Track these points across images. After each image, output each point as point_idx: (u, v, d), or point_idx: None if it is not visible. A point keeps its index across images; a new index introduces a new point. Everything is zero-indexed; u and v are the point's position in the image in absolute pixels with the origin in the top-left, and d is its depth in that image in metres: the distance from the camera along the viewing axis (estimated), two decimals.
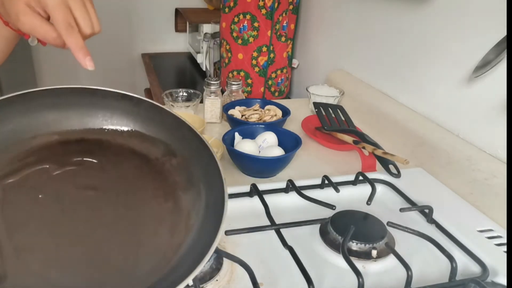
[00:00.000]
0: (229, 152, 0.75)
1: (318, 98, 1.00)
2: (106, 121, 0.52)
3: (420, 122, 0.83)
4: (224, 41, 1.30)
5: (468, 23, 0.73)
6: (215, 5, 1.87)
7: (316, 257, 0.53)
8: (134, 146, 0.52)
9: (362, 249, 0.53)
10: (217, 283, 0.48)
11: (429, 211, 0.60)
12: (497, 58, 0.64)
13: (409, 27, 0.89)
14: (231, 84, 0.98)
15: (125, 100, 0.51)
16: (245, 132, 0.80)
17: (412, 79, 0.89)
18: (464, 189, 0.68)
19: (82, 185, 0.47)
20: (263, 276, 0.48)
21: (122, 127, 0.52)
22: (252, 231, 0.54)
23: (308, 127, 0.91)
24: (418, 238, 0.55)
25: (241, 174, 0.75)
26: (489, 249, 0.54)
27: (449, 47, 0.78)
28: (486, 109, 0.70)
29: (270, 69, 1.29)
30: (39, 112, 0.49)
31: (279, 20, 1.24)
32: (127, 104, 0.51)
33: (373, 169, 0.75)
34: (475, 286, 0.47)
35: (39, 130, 0.49)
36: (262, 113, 0.92)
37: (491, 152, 0.69)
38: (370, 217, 0.58)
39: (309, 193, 0.62)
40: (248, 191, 0.63)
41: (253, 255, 0.51)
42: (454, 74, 0.77)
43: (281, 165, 0.74)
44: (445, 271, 0.50)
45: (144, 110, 0.52)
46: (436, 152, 0.76)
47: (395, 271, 0.51)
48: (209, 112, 0.95)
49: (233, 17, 1.23)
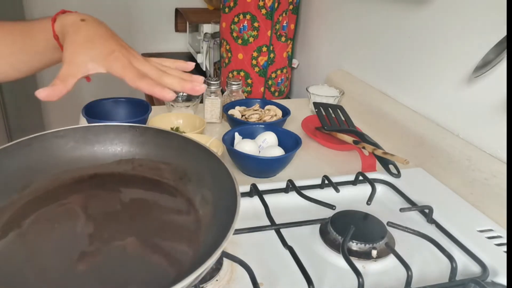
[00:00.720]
0: (229, 152, 0.75)
1: (318, 98, 1.00)
2: (116, 155, 0.55)
3: (420, 122, 0.83)
4: (224, 41, 1.30)
5: (468, 23, 0.73)
6: (215, 5, 1.87)
7: (316, 257, 0.53)
8: (145, 174, 0.54)
9: (362, 249, 0.53)
10: (217, 283, 0.48)
11: (429, 211, 0.60)
12: (497, 58, 0.64)
13: (409, 27, 0.89)
14: (231, 84, 0.98)
15: (131, 131, 0.55)
16: (245, 132, 0.80)
17: (412, 79, 0.89)
18: (464, 189, 0.68)
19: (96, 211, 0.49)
20: (263, 276, 0.48)
21: (132, 157, 0.55)
22: (252, 231, 0.54)
23: (308, 127, 0.91)
24: (418, 238, 0.55)
25: (241, 174, 0.75)
26: (489, 249, 0.54)
27: (449, 47, 0.78)
28: (486, 109, 0.70)
29: (270, 69, 1.29)
30: (51, 153, 0.52)
31: (279, 20, 1.24)
32: (134, 135, 0.55)
33: (373, 169, 0.75)
34: (475, 286, 0.47)
35: (53, 170, 0.52)
36: (262, 113, 0.92)
37: (491, 152, 0.69)
38: (370, 217, 0.58)
39: (309, 193, 0.62)
40: (248, 191, 0.63)
41: (253, 255, 0.51)
42: (454, 74, 0.77)
43: (281, 165, 0.74)
44: (445, 271, 0.50)
45: (151, 137, 0.55)
46: (436, 152, 0.76)
47: (395, 271, 0.51)
48: (209, 112, 0.95)
49: (233, 17, 1.23)
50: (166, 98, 0.49)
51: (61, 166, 0.52)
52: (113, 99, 0.90)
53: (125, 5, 1.95)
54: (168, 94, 0.49)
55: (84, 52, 0.51)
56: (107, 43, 0.52)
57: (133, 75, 0.50)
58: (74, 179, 0.52)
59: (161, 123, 0.86)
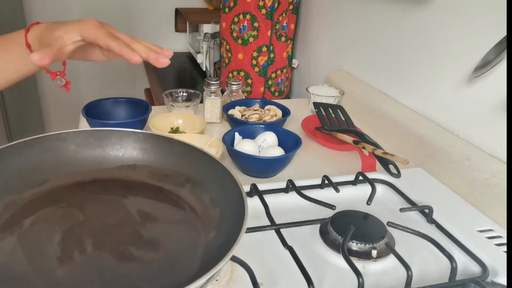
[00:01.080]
0: (229, 152, 0.75)
1: (318, 98, 1.00)
2: (118, 160, 0.55)
3: (420, 122, 0.83)
4: (224, 41, 1.30)
5: (468, 23, 0.73)
6: (215, 5, 1.87)
7: (316, 257, 0.53)
8: (148, 180, 0.54)
9: (362, 249, 0.53)
10: (217, 283, 0.48)
11: (429, 211, 0.60)
12: (497, 58, 0.64)
13: (409, 27, 0.89)
14: (231, 84, 0.98)
15: (134, 136, 0.54)
16: (245, 132, 0.80)
17: (412, 79, 0.89)
18: (464, 189, 0.68)
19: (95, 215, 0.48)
20: (263, 276, 0.48)
21: (134, 163, 0.55)
22: (252, 231, 0.54)
23: (308, 127, 0.91)
24: (418, 238, 0.55)
25: (241, 174, 0.75)
26: (489, 249, 0.54)
27: (449, 47, 0.78)
28: (486, 109, 0.70)
29: (270, 69, 1.29)
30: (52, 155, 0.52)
31: (279, 20, 1.24)
32: (136, 140, 0.54)
33: (373, 169, 0.75)
34: (475, 286, 0.47)
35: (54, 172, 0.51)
36: (262, 113, 0.92)
37: (491, 152, 0.69)
38: (370, 217, 0.58)
39: (309, 193, 0.62)
40: (248, 191, 0.63)
41: (253, 255, 0.51)
42: (454, 74, 0.77)
43: (281, 165, 0.74)
44: (445, 271, 0.50)
45: (152, 143, 0.54)
46: (436, 152, 0.76)
47: (395, 271, 0.51)
48: (209, 112, 0.95)
49: (233, 17, 1.23)
50: (133, 60, 0.53)
51: (62, 168, 0.52)
52: (113, 99, 0.90)
53: (125, 5, 1.95)
54: (135, 57, 0.53)
55: (59, 27, 0.56)
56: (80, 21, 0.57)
57: (106, 35, 0.54)
58: (74, 183, 0.52)
59: (161, 123, 0.86)
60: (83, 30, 0.55)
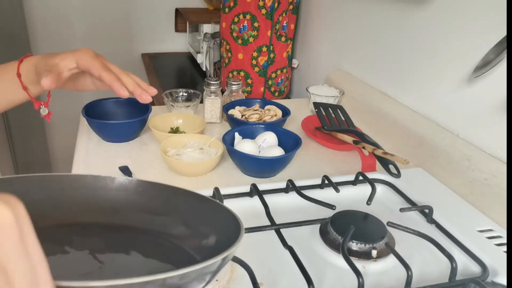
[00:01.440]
0: (229, 152, 0.75)
1: (318, 98, 1.00)
2: None
3: (420, 122, 0.83)
4: (224, 41, 1.30)
5: (468, 23, 0.73)
6: (215, 5, 1.87)
7: (316, 257, 0.53)
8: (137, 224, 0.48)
9: (362, 249, 0.53)
10: (217, 283, 0.48)
11: (429, 211, 0.60)
12: (497, 58, 0.64)
13: (409, 27, 0.89)
14: (231, 84, 0.98)
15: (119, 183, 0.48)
16: (245, 132, 0.80)
17: (412, 79, 0.89)
18: (464, 189, 0.68)
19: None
20: (263, 276, 0.48)
21: None
22: (252, 231, 0.54)
23: (308, 127, 0.91)
24: (418, 238, 0.55)
25: (241, 174, 0.75)
26: (489, 249, 0.54)
27: (449, 47, 0.78)
28: (486, 109, 0.70)
29: (270, 69, 1.29)
30: None
31: (279, 20, 1.24)
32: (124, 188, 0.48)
33: (373, 169, 0.75)
34: (475, 286, 0.47)
35: None
36: (262, 113, 0.92)
37: (491, 152, 0.69)
38: (370, 217, 0.58)
39: (309, 193, 0.62)
40: (248, 191, 0.63)
41: (253, 255, 0.51)
42: (454, 74, 0.77)
43: (281, 165, 0.74)
44: (445, 271, 0.50)
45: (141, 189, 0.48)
46: (436, 152, 0.76)
47: (395, 271, 0.51)
48: (209, 112, 0.95)
49: (233, 17, 1.23)
50: (121, 94, 0.59)
51: None
52: (113, 99, 0.90)
53: (125, 5, 1.95)
54: (124, 91, 0.59)
55: (54, 56, 0.60)
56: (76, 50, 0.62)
57: (100, 65, 0.59)
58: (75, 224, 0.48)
59: (161, 123, 0.86)
60: (79, 58, 0.59)
